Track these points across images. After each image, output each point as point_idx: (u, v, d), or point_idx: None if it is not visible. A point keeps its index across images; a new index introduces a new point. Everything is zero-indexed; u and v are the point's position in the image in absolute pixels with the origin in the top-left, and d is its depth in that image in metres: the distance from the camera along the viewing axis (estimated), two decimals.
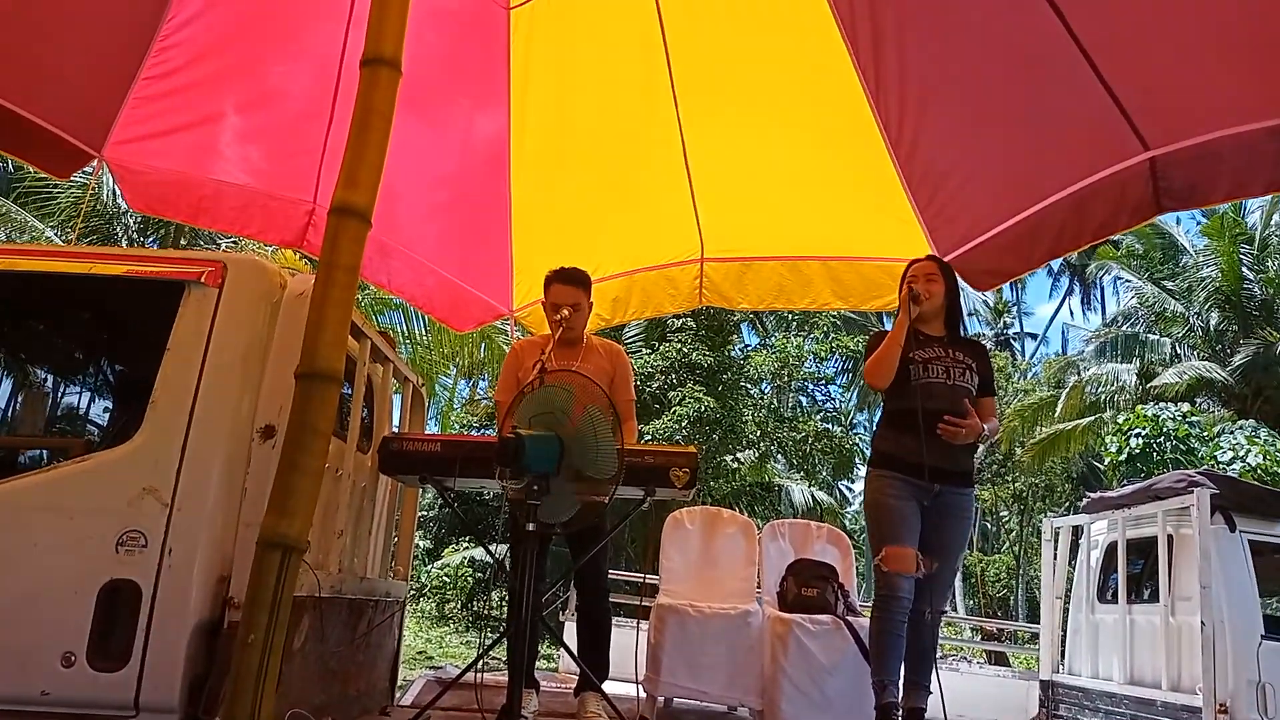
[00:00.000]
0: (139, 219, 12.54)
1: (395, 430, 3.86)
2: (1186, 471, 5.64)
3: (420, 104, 4.65)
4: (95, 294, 2.98)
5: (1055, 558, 6.70)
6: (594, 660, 3.66)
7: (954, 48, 3.81)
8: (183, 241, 12.11)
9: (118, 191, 10.17)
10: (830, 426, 18.55)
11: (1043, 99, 3.76)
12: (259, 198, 4.67)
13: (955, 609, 22.20)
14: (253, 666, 2.06)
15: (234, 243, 11.88)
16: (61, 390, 3.56)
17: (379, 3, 2.47)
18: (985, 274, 4.55)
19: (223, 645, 2.43)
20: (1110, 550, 6.12)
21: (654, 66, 4.45)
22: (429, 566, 17.37)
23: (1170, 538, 5.47)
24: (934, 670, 3.34)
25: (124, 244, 12.55)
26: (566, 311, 3.61)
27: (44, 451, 2.96)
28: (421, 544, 18.08)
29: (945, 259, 4.60)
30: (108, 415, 3.38)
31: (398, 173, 4.93)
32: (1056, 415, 19.21)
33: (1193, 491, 5.18)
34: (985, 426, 3.36)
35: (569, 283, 3.76)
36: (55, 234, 12.17)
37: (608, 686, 3.65)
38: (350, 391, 3.29)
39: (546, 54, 4.57)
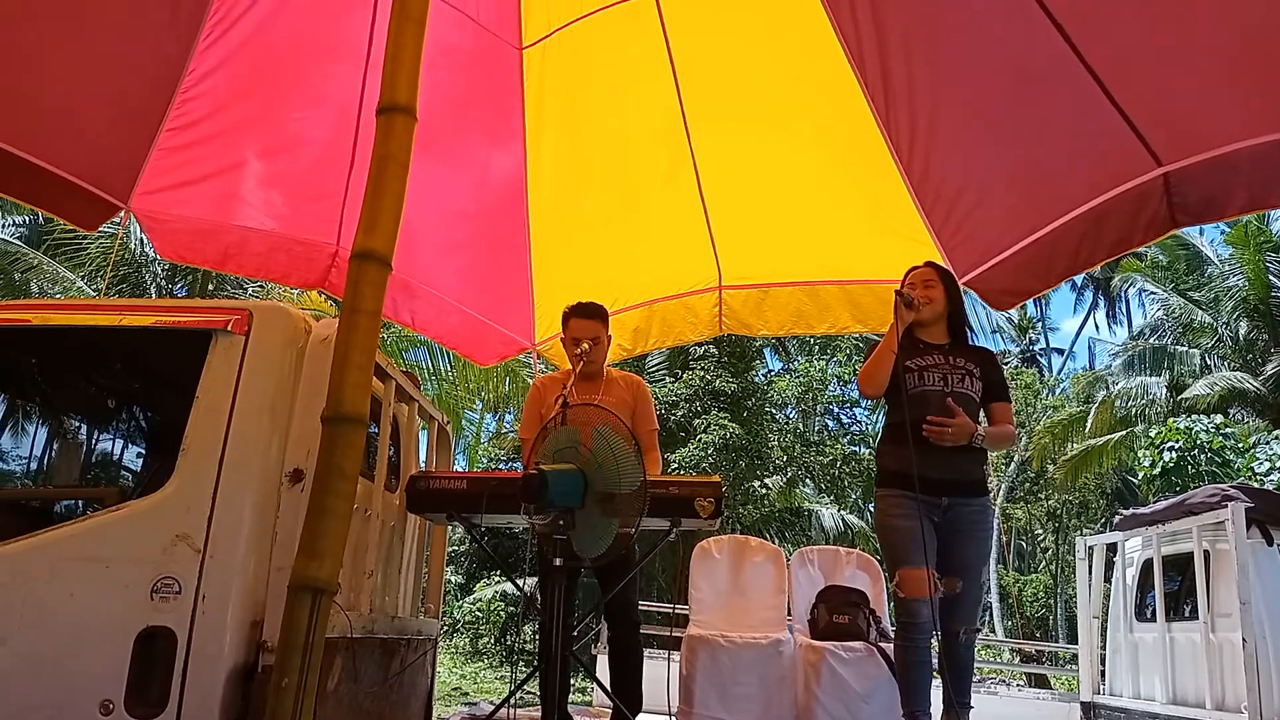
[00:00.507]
0: (167, 266, 12.77)
1: (422, 468, 3.89)
2: (1220, 485, 5.56)
3: (438, 143, 4.73)
4: (125, 345, 3.04)
5: (1091, 576, 6.60)
6: (627, 693, 3.65)
7: (960, 70, 3.84)
8: (210, 286, 12.31)
9: (145, 240, 10.39)
10: (858, 449, 18.43)
11: (1052, 117, 3.77)
12: (284, 242, 4.77)
13: (994, 631, 21.87)
14: (287, 710, 2.08)
15: (260, 286, 12.06)
16: (95, 440, 3.63)
17: (393, 51, 2.52)
18: (1004, 293, 4.55)
19: (257, 689, 2.45)
20: (1146, 567, 6.03)
21: (665, 98, 4.51)
22: (461, 601, 17.35)
23: (1206, 553, 5.39)
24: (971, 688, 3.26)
25: (153, 291, 12.77)
26: (586, 345, 3.64)
27: (79, 502, 3.02)
28: (453, 579, 18.07)
29: (963, 280, 4.60)
30: (140, 464, 3.44)
31: (418, 211, 5.01)
32: (1087, 431, 18.97)
33: (1227, 506, 5.10)
34: (981, 428, 3.23)
35: (587, 316, 3.80)
36: (85, 284, 12.41)
37: (641, 719, 3.63)
38: (377, 431, 3.33)
39: (559, 91, 4.65)
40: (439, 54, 4.38)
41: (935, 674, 3.29)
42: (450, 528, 4.28)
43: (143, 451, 3.56)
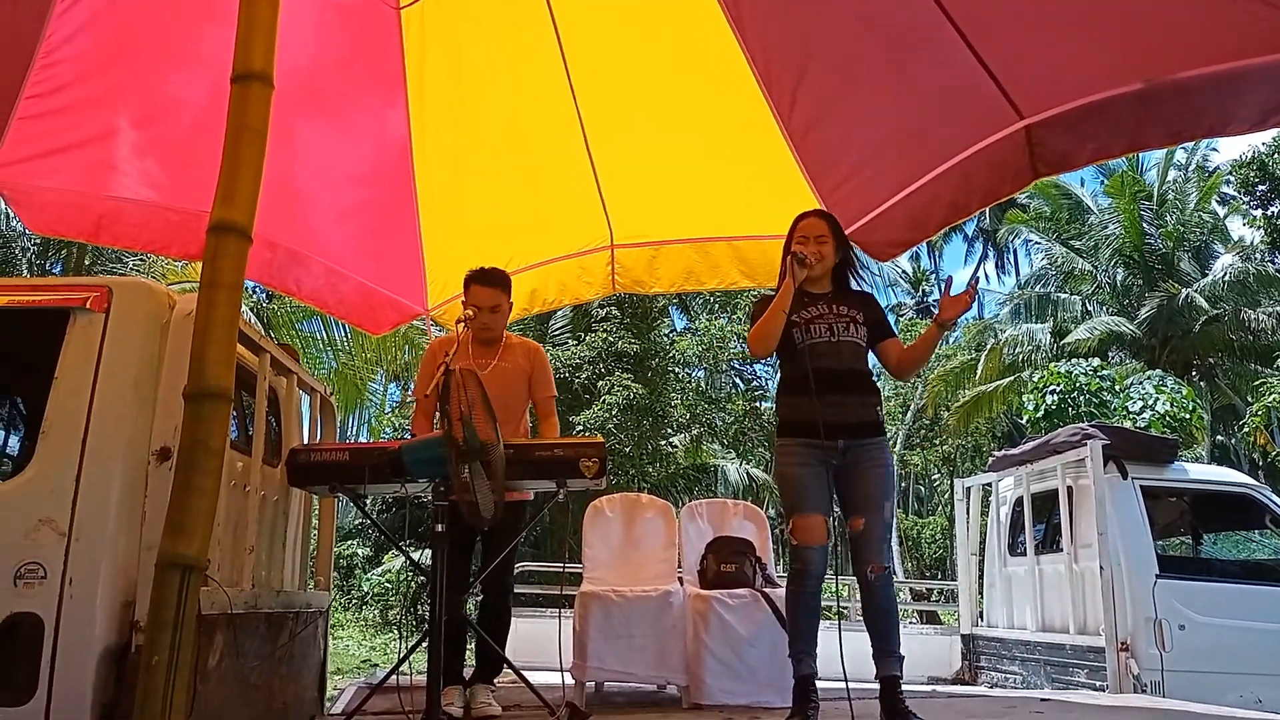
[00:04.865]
0: (39, 241, 12.11)
1: (305, 441, 3.85)
2: (1081, 425, 5.91)
3: (322, 106, 4.61)
4: None
5: (969, 516, 6.94)
6: (492, 654, 3.71)
7: (836, 29, 3.92)
8: (86, 261, 11.73)
9: (11, 214, 9.81)
10: (759, 405, 18.75)
11: (923, 74, 3.89)
12: (161, 212, 4.58)
13: (895, 573, 22.77)
14: (158, 688, 2.07)
15: (142, 259, 11.57)
16: None
17: (246, 17, 2.46)
18: (886, 245, 4.69)
19: (130, 670, 2.42)
20: (1017, 505, 6.36)
21: (549, 58, 4.48)
22: (370, 574, 17.16)
23: (1070, 489, 5.72)
24: (899, 632, 3.21)
25: (24, 268, 12.12)
26: (476, 311, 3.65)
27: None
28: (360, 551, 17.86)
29: (845, 232, 4.75)
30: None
31: (304, 177, 4.89)
32: (977, 377, 19.75)
33: (1086, 444, 5.42)
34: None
35: (488, 284, 3.79)
36: None
37: (536, 676, 3.70)
38: (253, 406, 3.28)
39: (440, 52, 4.57)
40: (320, 13, 4.25)
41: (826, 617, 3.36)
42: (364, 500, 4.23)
43: (1, 436, 3.44)
